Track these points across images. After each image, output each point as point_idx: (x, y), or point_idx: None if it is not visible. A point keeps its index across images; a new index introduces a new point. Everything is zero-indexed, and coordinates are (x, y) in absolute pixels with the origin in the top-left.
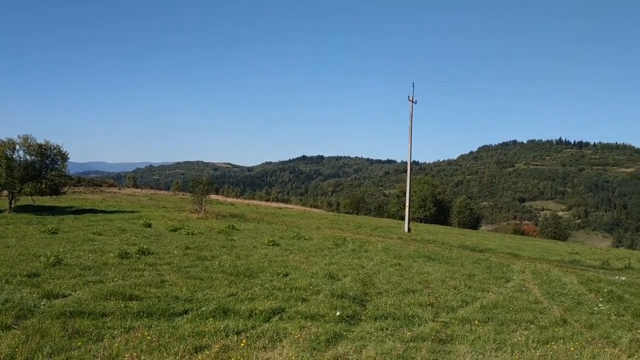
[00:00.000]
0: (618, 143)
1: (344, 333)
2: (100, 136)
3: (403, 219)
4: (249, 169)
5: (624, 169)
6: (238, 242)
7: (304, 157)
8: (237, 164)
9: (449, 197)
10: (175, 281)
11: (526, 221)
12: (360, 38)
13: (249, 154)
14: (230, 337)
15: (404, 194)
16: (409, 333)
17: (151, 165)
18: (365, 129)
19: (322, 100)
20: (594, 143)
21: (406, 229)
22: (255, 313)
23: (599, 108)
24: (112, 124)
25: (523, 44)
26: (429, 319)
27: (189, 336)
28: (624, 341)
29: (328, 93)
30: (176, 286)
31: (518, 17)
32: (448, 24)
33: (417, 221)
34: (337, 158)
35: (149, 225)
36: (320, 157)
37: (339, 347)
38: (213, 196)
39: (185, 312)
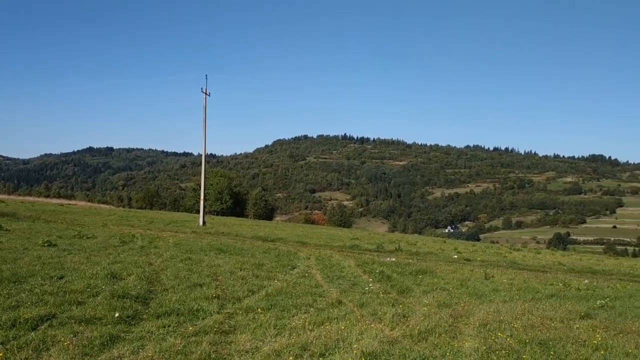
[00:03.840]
0: (393, 139)
1: (123, 335)
2: None
3: (199, 212)
4: (25, 162)
5: (397, 162)
6: (6, 244)
7: (90, 149)
8: (9, 155)
9: (246, 189)
10: None
11: (316, 211)
12: (153, 25)
13: (25, 144)
14: None
15: (200, 186)
16: (191, 328)
17: None
18: (159, 120)
19: (111, 87)
20: (374, 139)
21: (201, 223)
22: (20, 322)
23: (377, 106)
24: None
25: (312, 44)
26: (214, 311)
27: None
28: (388, 316)
29: (116, 80)
30: None
31: (311, 16)
32: (242, 20)
33: (213, 214)
34: (129, 150)
35: None
36: (110, 149)
37: (114, 350)
38: None
39: None
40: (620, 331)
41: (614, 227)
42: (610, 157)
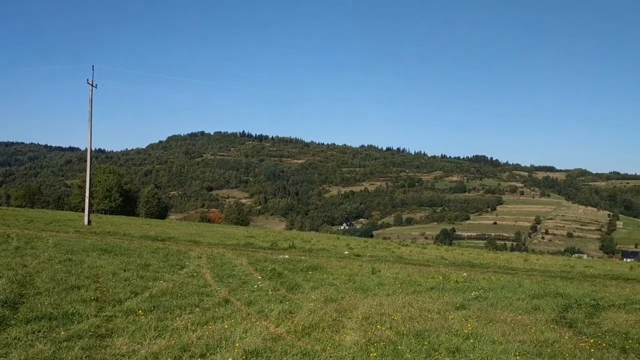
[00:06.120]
0: (291, 137)
1: None
2: None
3: (85, 210)
4: None
5: (296, 161)
6: None
7: None
8: None
9: (137, 186)
10: None
11: (213, 209)
12: (36, 12)
13: None
14: None
15: (86, 183)
16: (64, 332)
17: None
18: (42, 113)
19: None
20: (272, 137)
21: (86, 222)
22: None
23: (276, 104)
24: None
25: (208, 39)
26: (91, 314)
27: None
28: (274, 313)
29: None
30: None
31: (210, 9)
32: (133, 10)
33: (102, 212)
34: (8, 144)
35: None
36: None
37: None
38: None
39: None
40: (490, 320)
41: (495, 223)
42: (491, 158)
